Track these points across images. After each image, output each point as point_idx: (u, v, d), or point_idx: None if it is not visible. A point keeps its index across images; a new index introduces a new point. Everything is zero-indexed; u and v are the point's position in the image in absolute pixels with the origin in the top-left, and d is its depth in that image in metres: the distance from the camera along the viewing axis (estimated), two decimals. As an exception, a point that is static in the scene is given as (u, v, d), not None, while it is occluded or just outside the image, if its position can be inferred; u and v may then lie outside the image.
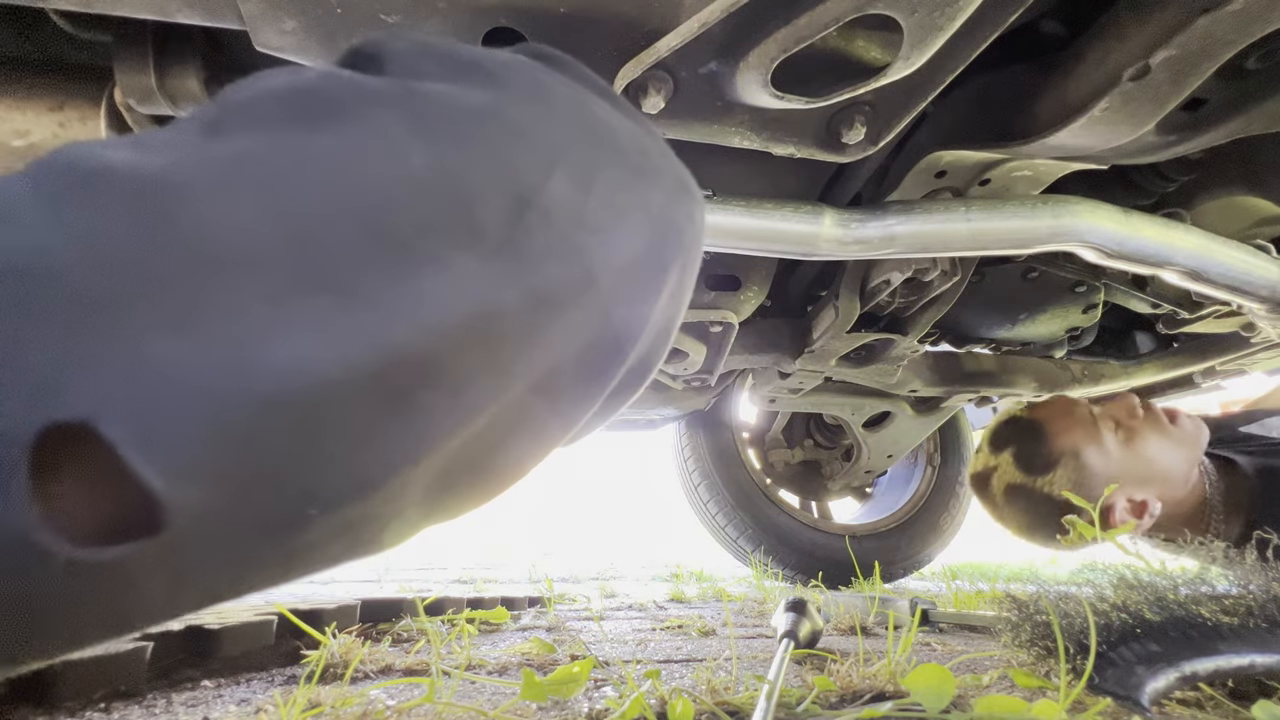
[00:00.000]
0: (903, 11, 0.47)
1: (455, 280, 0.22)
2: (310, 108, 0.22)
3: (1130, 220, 0.77)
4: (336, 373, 0.19)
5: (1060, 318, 1.22)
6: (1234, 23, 0.53)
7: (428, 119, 0.23)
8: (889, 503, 2.14)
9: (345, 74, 0.25)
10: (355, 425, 0.20)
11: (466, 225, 0.23)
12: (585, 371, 0.27)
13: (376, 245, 0.21)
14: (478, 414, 0.24)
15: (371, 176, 0.21)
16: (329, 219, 0.20)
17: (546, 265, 0.24)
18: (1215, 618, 0.58)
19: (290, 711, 0.48)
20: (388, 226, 0.21)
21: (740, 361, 1.25)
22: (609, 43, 0.53)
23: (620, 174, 0.27)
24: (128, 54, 0.57)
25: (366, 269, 0.20)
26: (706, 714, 0.54)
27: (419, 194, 0.22)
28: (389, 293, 0.21)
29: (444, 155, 0.23)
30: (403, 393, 0.21)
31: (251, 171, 0.20)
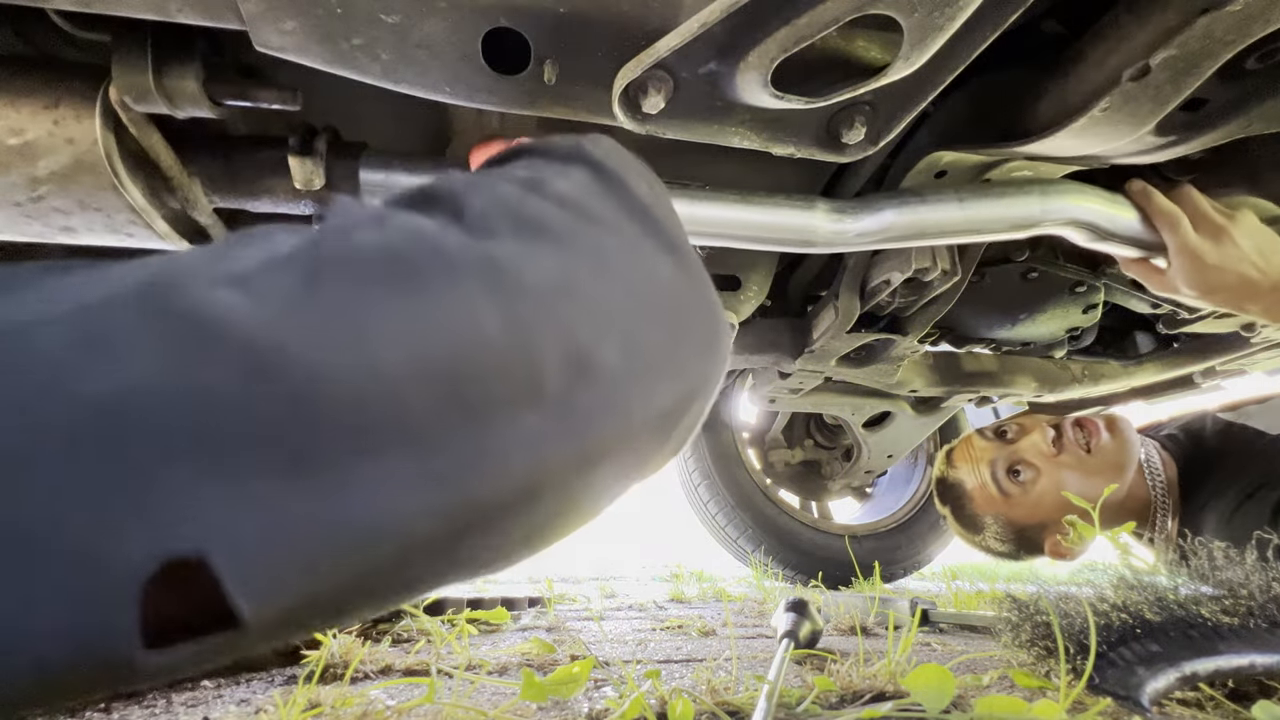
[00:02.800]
0: (903, 11, 0.47)
1: (520, 437, 0.25)
2: (400, 272, 0.25)
3: (1117, 202, 0.78)
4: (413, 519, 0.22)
5: (1060, 318, 1.22)
6: (1234, 23, 0.53)
7: (502, 287, 0.26)
8: (889, 503, 2.14)
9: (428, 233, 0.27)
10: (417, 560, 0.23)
11: (531, 387, 0.25)
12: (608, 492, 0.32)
13: (454, 405, 0.23)
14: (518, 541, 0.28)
15: (452, 340, 0.24)
16: (415, 380, 0.23)
17: (595, 421, 0.27)
18: (1215, 618, 0.58)
19: (290, 711, 0.48)
20: (463, 387, 0.24)
21: (740, 361, 1.25)
22: (609, 43, 0.53)
23: (660, 335, 0.31)
24: (126, 53, 0.57)
25: (445, 426, 0.23)
26: (706, 714, 0.54)
27: (493, 358, 0.25)
28: (464, 448, 0.23)
29: (515, 322, 0.26)
30: (462, 531, 0.24)
31: (351, 333, 0.22)
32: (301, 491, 0.20)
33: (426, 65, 0.53)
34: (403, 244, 0.26)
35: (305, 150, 0.66)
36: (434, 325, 0.24)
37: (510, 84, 0.55)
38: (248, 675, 0.68)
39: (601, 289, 0.29)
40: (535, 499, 0.26)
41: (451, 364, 0.23)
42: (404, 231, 0.27)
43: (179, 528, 0.18)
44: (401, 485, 0.22)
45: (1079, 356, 1.39)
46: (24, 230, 0.66)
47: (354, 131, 0.73)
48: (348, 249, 0.25)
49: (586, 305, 0.28)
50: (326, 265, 0.24)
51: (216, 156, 0.69)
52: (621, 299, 0.30)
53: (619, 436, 0.29)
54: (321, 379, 0.21)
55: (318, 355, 0.21)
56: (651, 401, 0.30)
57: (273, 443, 0.20)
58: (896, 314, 1.12)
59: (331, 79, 0.54)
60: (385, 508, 0.21)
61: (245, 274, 0.23)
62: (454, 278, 0.25)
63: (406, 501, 0.22)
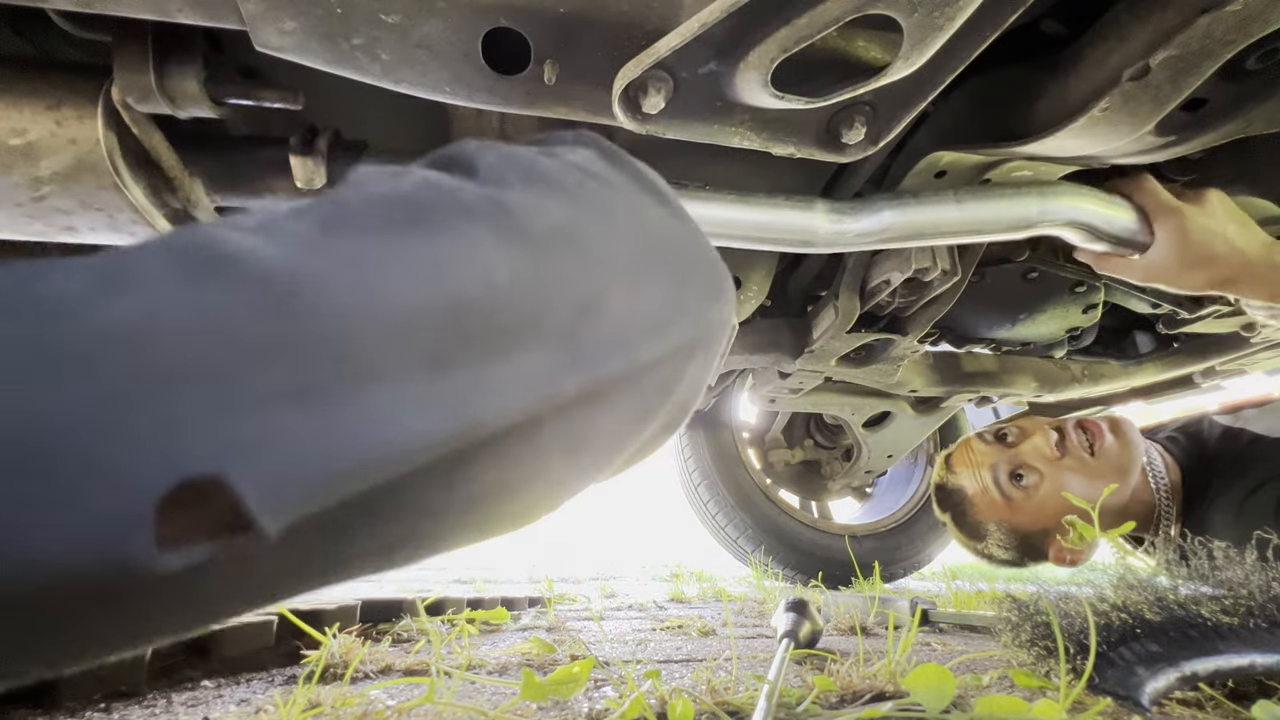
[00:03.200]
0: (903, 11, 0.47)
1: (523, 371, 0.26)
2: (413, 215, 0.26)
3: (1113, 203, 0.78)
4: (420, 440, 0.23)
5: (1060, 318, 1.22)
6: (1234, 23, 0.53)
7: (510, 231, 0.28)
8: (889, 503, 2.14)
9: (443, 183, 0.29)
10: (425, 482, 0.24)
11: (537, 326, 0.27)
12: (615, 438, 0.32)
13: (461, 337, 0.25)
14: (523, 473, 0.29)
15: (461, 279, 0.25)
16: (424, 313, 0.24)
17: (600, 361, 0.29)
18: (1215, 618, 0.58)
19: (290, 711, 0.48)
20: (472, 321, 0.25)
21: (740, 361, 1.25)
22: (609, 43, 0.53)
23: (665, 282, 0.33)
24: (127, 54, 0.57)
25: (452, 357, 0.24)
26: (706, 714, 0.54)
27: (500, 295, 0.26)
28: (470, 377, 0.25)
29: (522, 264, 0.27)
30: (470, 460, 0.25)
31: (362, 268, 0.24)
32: (316, 414, 0.21)
33: (427, 65, 0.53)
34: (417, 191, 0.27)
35: (307, 149, 0.66)
36: (444, 263, 0.25)
37: (510, 84, 0.55)
38: (248, 675, 0.68)
39: (607, 238, 0.31)
40: (537, 426, 0.27)
41: (459, 299, 0.25)
42: (419, 182, 0.28)
43: (197, 448, 0.19)
44: (407, 407, 0.23)
45: (1079, 356, 1.39)
46: (26, 230, 0.66)
47: (355, 131, 0.73)
48: (364, 196, 0.26)
49: (592, 251, 0.30)
50: (344, 211, 0.26)
51: (218, 156, 0.69)
52: (626, 247, 0.32)
53: (624, 375, 0.30)
54: (335, 309, 0.22)
55: (332, 287, 0.23)
56: (658, 343, 0.31)
57: (288, 368, 0.21)
58: (896, 314, 1.12)
59: (332, 79, 0.54)
60: (392, 427, 0.22)
61: (265, 222, 0.24)
62: (466, 220, 0.27)
63: (411, 422, 0.23)
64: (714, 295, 0.36)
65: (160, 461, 0.18)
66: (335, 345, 0.22)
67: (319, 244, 0.24)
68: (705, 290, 0.35)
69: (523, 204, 0.29)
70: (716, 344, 0.37)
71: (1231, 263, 0.78)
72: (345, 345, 0.22)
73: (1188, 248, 0.77)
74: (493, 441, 0.26)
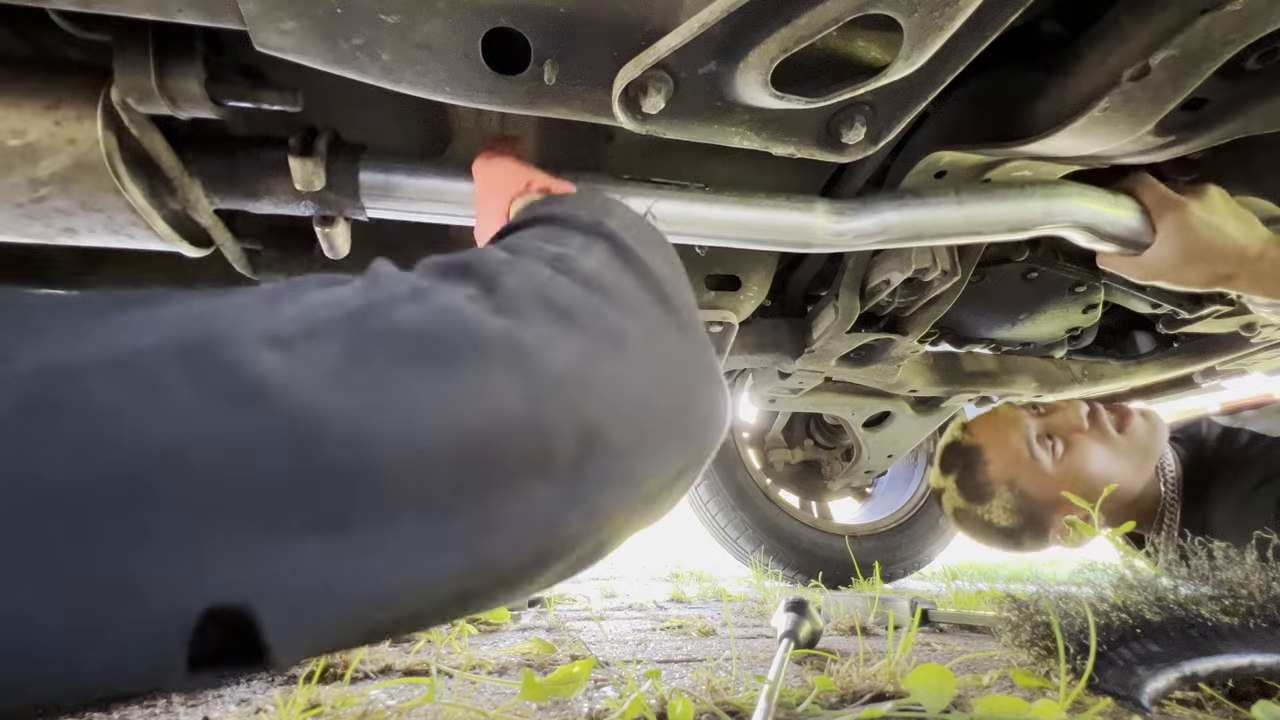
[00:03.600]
0: (903, 11, 0.47)
1: (530, 505, 0.27)
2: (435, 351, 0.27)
3: (1117, 202, 0.78)
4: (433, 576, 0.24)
5: (1060, 318, 1.22)
6: (1234, 23, 0.53)
7: (526, 370, 0.29)
8: (889, 503, 2.14)
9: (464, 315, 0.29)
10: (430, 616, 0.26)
11: (544, 462, 0.28)
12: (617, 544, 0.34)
13: (475, 475, 0.26)
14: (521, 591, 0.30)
15: (478, 417, 0.26)
16: (441, 452, 0.25)
17: (603, 491, 0.30)
18: (1215, 618, 0.58)
19: (290, 711, 0.48)
20: (484, 460, 0.26)
21: (740, 361, 1.25)
22: (609, 43, 0.53)
23: (667, 410, 0.34)
24: (128, 54, 0.57)
25: (466, 494, 0.25)
26: (706, 714, 0.54)
27: (512, 434, 0.27)
28: (481, 515, 0.26)
29: (535, 402, 0.28)
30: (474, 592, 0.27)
31: (387, 405, 0.24)
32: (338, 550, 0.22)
33: (426, 65, 0.53)
34: (439, 324, 0.28)
35: (306, 151, 0.66)
36: (462, 402, 0.26)
37: (510, 84, 0.55)
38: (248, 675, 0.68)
39: (617, 372, 0.32)
40: (544, 564, 0.29)
41: (475, 438, 0.26)
42: (440, 311, 0.29)
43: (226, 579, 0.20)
44: (423, 539, 0.24)
45: (1079, 356, 1.39)
46: (25, 231, 0.66)
47: (354, 132, 0.73)
48: (387, 325, 0.27)
49: (602, 387, 0.31)
50: (368, 340, 0.26)
51: (217, 157, 0.69)
52: (635, 380, 0.33)
53: (624, 502, 0.31)
54: (359, 446, 0.23)
55: (356, 424, 0.23)
56: (654, 473, 0.33)
57: (313, 503, 0.22)
58: (896, 314, 1.12)
59: (332, 79, 0.54)
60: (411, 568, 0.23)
61: (289, 336, 0.25)
62: (483, 359, 0.28)
63: (429, 562, 0.24)
64: (710, 418, 0.37)
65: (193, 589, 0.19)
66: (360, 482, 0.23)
67: (345, 377, 0.24)
68: (704, 413, 0.37)
69: (538, 343, 0.30)
70: (709, 457, 0.38)
71: (1233, 258, 0.77)
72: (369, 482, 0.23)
73: (1189, 243, 0.76)
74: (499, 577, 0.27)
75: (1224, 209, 0.78)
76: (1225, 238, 0.77)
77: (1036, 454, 1.14)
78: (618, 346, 0.33)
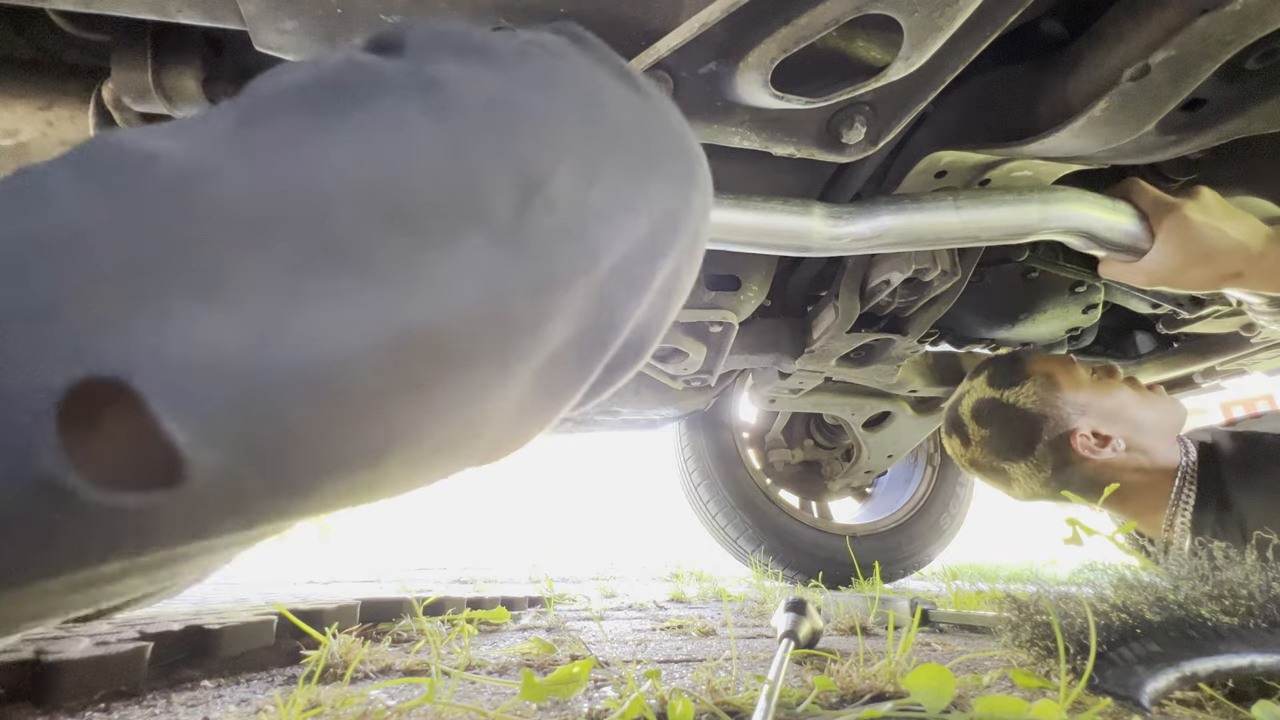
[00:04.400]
0: (903, 12, 0.47)
1: (466, 261, 0.23)
2: (331, 98, 0.24)
3: (1115, 207, 0.78)
4: (354, 348, 0.21)
5: (1060, 318, 1.22)
6: (1233, 23, 0.53)
7: (440, 105, 0.24)
8: (889, 503, 2.14)
9: (363, 61, 0.26)
10: (369, 399, 0.22)
11: (476, 209, 0.24)
12: (579, 353, 0.29)
13: (391, 225, 0.22)
14: (484, 394, 0.25)
15: (386, 159, 0.23)
16: (346, 198, 0.21)
17: (552, 249, 0.25)
18: (1215, 618, 0.58)
19: (290, 711, 0.48)
20: (401, 207, 0.22)
21: (740, 361, 1.25)
22: (609, 43, 0.53)
23: (623, 164, 0.28)
24: (126, 53, 0.57)
25: (382, 247, 0.22)
26: (706, 714, 0.54)
27: (431, 177, 0.23)
28: (403, 271, 0.22)
29: (455, 141, 0.24)
30: (415, 369, 0.22)
31: (275, 155, 0.22)
32: (232, 316, 0.19)
33: (426, 65, 0.53)
34: (336, 73, 0.25)
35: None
36: (368, 144, 0.23)
37: (510, 84, 0.55)
38: (248, 675, 0.68)
39: (550, 110, 0.27)
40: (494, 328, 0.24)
41: (387, 182, 0.22)
42: (339, 64, 0.26)
43: (98, 349, 0.18)
44: (340, 307, 0.21)
45: (1079, 357, 1.40)
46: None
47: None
48: (280, 85, 0.24)
49: (534, 125, 0.26)
50: (260, 102, 0.24)
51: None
52: (573, 121, 0.27)
53: (582, 270, 0.26)
54: (252, 200, 0.20)
55: (248, 177, 0.21)
56: (617, 233, 0.28)
57: (200, 266, 0.19)
58: (896, 314, 1.12)
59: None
60: (323, 332, 0.20)
61: (179, 125, 0.23)
62: (389, 96, 0.24)
63: (346, 325, 0.21)
64: (685, 181, 0.31)
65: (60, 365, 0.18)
66: (249, 239, 0.20)
67: (234, 136, 0.22)
68: (673, 174, 0.31)
69: (452, 76, 0.26)
70: (691, 239, 0.32)
71: (1235, 256, 0.77)
72: (266, 239, 0.20)
73: (1190, 245, 0.76)
74: (444, 348, 0.23)
75: (1219, 209, 0.77)
76: (1227, 237, 0.76)
77: (1078, 366, 1.13)
78: (550, 85, 0.28)
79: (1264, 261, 0.77)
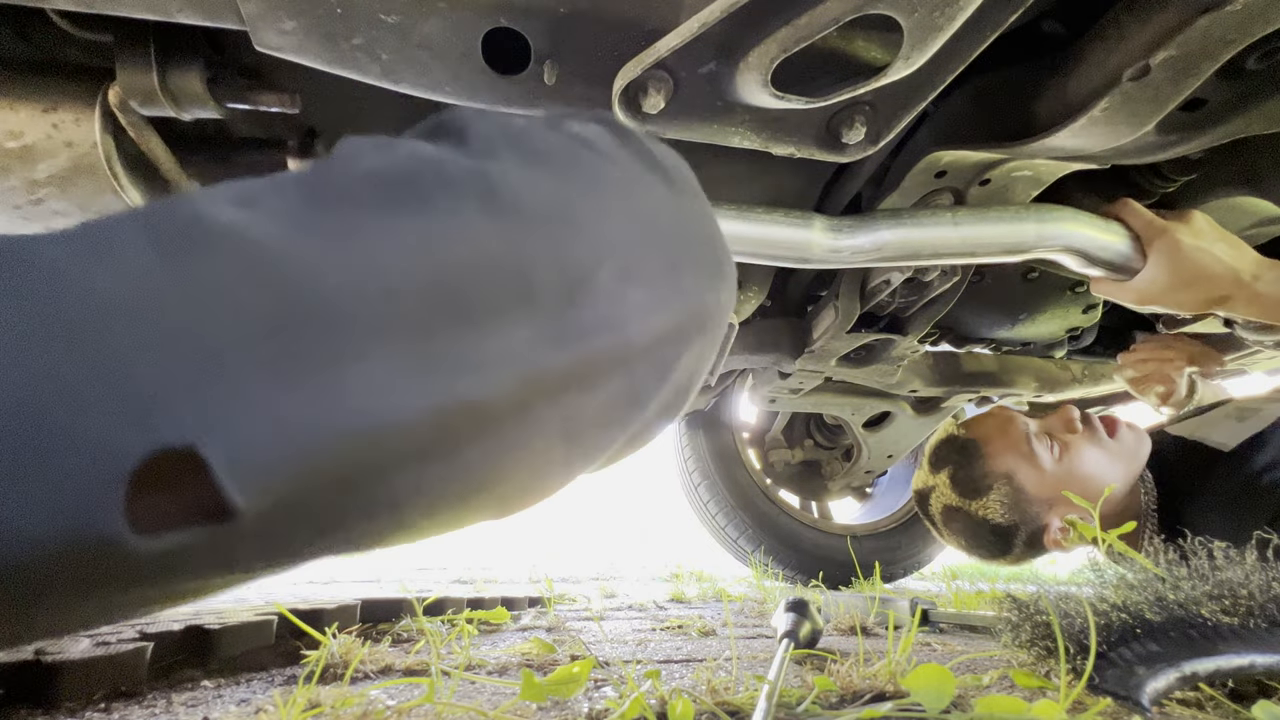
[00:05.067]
0: (903, 11, 0.47)
1: (513, 347, 0.26)
2: (400, 192, 0.26)
3: (1109, 228, 0.79)
4: (405, 418, 0.23)
5: (1060, 318, 1.22)
6: (1234, 23, 0.53)
7: (499, 208, 0.27)
8: (889, 503, 2.14)
9: (429, 157, 0.28)
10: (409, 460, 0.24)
11: (526, 302, 0.26)
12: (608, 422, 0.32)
13: (449, 313, 0.25)
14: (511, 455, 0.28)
15: (449, 257, 0.25)
16: (410, 288, 0.24)
17: (591, 338, 0.28)
18: (1215, 618, 0.58)
19: (290, 711, 0.48)
20: (459, 298, 0.25)
21: (740, 362, 1.25)
22: (609, 43, 0.53)
23: (659, 263, 0.32)
24: (130, 55, 0.57)
25: (440, 333, 0.24)
26: (706, 714, 0.54)
27: (488, 273, 0.26)
28: (456, 354, 0.24)
29: (511, 242, 0.27)
30: (453, 435, 0.25)
31: (347, 244, 0.24)
32: (296, 389, 0.21)
33: (426, 65, 0.53)
34: (404, 166, 0.27)
35: (305, 152, 0.66)
36: (429, 238, 0.25)
37: (510, 84, 0.55)
38: (248, 675, 0.68)
39: (598, 211, 0.30)
40: (526, 409, 0.27)
41: (444, 272, 0.25)
42: (405, 155, 0.28)
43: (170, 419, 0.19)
44: (391, 379, 0.23)
45: (1079, 356, 1.40)
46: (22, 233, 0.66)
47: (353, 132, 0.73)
48: (351, 170, 0.26)
49: (583, 225, 0.29)
50: (331, 186, 0.25)
51: (215, 158, 0.69)
52: (619, 223, 0.31)
53: (615, 357, 0.29)
54: (320, 282, 0.22)
55: (317, 261, 0.22)
56: (650, 323, 0.30)
57: (269, 342, 0.21)
58: (896, 314, 1.12)
59: (332, 80, 0.54)
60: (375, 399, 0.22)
61: (251, 194, 0.24)
62: (452, 194, 0.26)
63: (396, 394, 0.23)
64: (713, 278, 0.35)
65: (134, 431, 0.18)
66: (318, 321, 0.22)
67: (304, 219, 0.24)
68: (704, 272, 0.34)
69: (510, 176, 0.28)
70: (715, 329, 0.36)
71: (1227, 280, 0.78)
72: (329, 321, 0.22)
73: (1180, 267, 0.77)
74: (480, 420, 0.25)
75: (1211, 233, 0.79)
76: (1217, 261, 0.77)
77: (1036, 449, 1.12)
78: (599, 189, 0.31)
79: (1251, 286, 0.78)
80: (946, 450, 1.21)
